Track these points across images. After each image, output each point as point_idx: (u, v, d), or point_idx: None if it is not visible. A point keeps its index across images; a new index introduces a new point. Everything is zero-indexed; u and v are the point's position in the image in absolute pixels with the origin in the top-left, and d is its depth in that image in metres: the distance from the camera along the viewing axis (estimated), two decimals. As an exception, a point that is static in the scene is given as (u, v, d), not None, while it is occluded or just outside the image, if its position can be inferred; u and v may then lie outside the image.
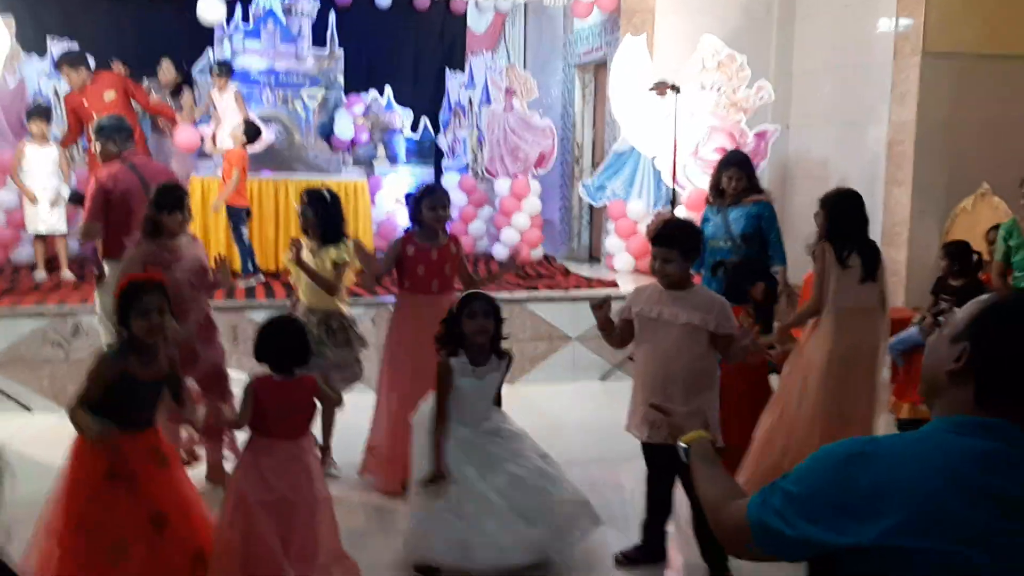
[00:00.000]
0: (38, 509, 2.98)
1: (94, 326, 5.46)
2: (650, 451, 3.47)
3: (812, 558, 1.44)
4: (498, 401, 3.55)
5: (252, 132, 7.08)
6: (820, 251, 3.95)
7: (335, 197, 4.42)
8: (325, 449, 3.42)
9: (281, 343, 3.14)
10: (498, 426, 3.47)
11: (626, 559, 3.59)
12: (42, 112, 6.97)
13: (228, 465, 4.20)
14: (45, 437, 4.98)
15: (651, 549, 3.60)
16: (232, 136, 7.03)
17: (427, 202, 4.17)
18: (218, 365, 4.15)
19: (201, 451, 4.27)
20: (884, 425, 5.36)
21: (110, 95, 7.03)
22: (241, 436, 3.48)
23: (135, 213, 4.23)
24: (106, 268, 4.75)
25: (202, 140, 7.81)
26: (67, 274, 6.60)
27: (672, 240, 3.31)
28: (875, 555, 1.34)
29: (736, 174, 5.03)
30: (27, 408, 5.35)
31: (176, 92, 8.08)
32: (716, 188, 5.14)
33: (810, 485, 1.42)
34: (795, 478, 1.45)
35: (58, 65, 7.26)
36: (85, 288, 6.17)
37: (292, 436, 3.11)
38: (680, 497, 3.53)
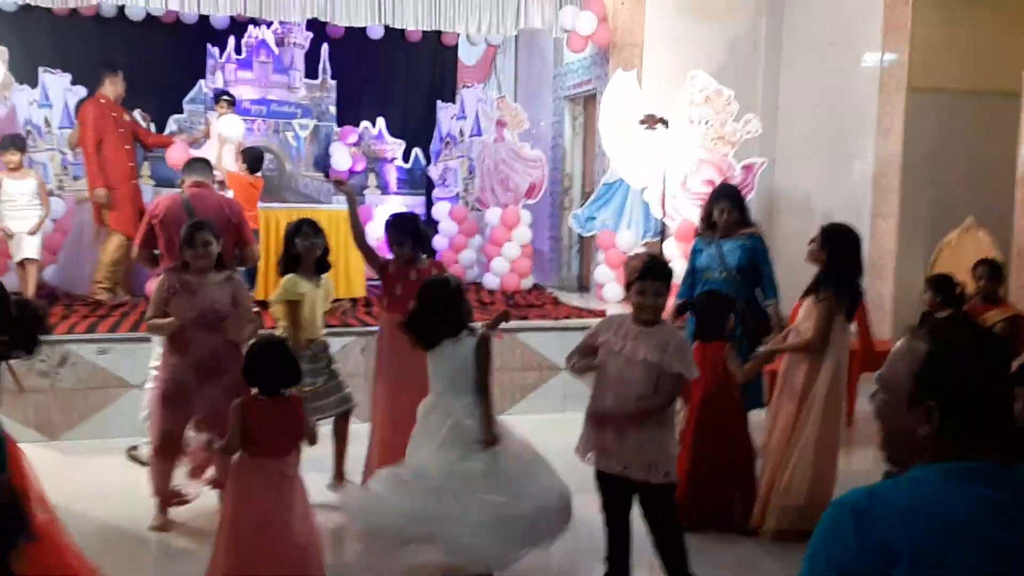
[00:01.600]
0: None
1: (80, 355, 5.44)
2: (604, 480, 3.45)
3: None
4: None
5: (254, 159, 7.19)
6: (827, 297, 4.09)
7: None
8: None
9: (270, 365, 3.21)
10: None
11: None
12: (17, 143, 6.90)
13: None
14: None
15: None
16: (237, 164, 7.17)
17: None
18: (221, 406, 4.11)
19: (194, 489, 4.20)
20: (872, 458, 5.38)
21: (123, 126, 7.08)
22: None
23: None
24: None
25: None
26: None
27: (664, 273, 3.39)
28: None
29: (728, 207, 5.06)
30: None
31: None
32: (707, 220, 5.17)
33: (832, 558, 1.39)
34: (814, 563, 1.42)
35: (102, 74, 7.11)
36: (72, 317, 6.14)
37: (279, 454, 3.17)
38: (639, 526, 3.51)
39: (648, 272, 3.35)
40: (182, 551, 4.00)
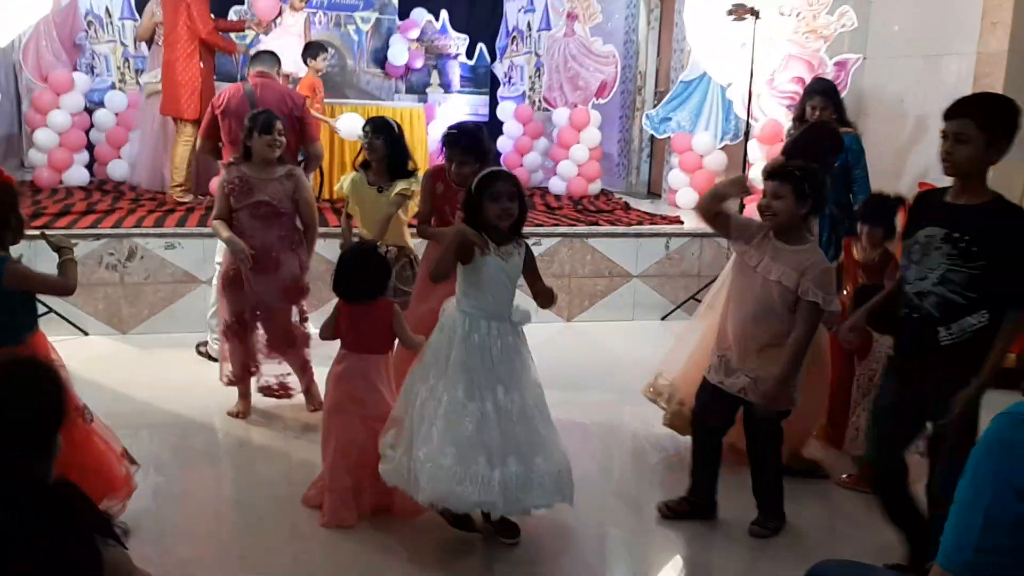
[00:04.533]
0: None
1: (148, 249, 5.38)
2: (711, 392, 3.21)
3: None
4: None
5: (316, 49, 6.98)
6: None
7: (399, 128, 4.19)
8: None
9: (346, 272, 3.31)
10: (516, 343, 3.01)
11: (670, 511, 3.33)
12: None
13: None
14: (101, 359, 4.96)
15: (699, 503, 3.33)
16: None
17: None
18: (297, 276, 4.10)
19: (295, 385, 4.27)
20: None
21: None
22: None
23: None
24: None
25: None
26: None
27: (788, 175, 3.01)
28: None
29: (822, 103, 4.71)
30: (83, 332, 5.30)
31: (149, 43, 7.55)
32: (800, 118, 4.83)
33: (1003, 475, 1.28)
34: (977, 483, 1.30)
35: None
36: (139, 210, 6.08)
37: (370, 352, 3.30)
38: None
39: (770, 172, 3.08)
40: (250, 442, 3.97)
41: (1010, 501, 1.24)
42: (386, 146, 4.08)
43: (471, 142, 3.71)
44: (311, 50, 7.12)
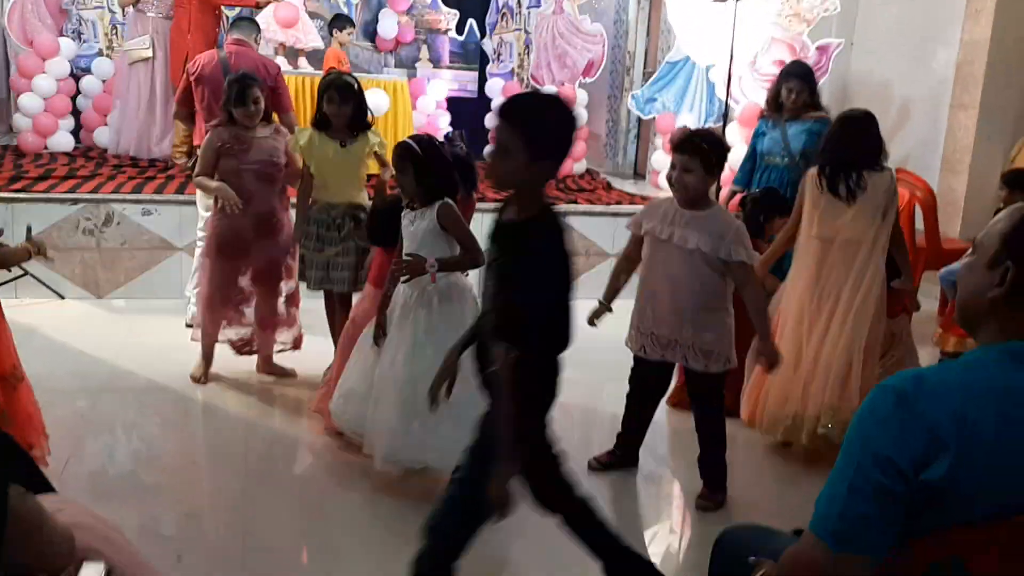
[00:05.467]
0: (71, 385, 3.32)
1: (125, 215, 5.42)
2: (643, 366, 3.39)
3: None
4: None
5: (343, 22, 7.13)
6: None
7: (358, 83, 4.06)
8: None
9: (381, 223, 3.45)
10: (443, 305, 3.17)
11: (599, 464, 3.55)
12: None
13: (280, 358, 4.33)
14: (77, 322, 5.01)
15: (625, 457, 3.58)
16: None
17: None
18: (275, 261, 4.13)
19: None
20: (930, 357, 5.18)
21: None
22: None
23: (219, 101, 4.20)
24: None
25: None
26: None
27: (695, 148, 3.03)
28: (948, 493, 1.26)
29: (798, 86, 4.73)
30: (60, 295, 5.34)
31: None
32: (775, 100, 4.85)
33: (870, 445, 1.31)
34: (849, 452, 1.34)
35: None
36: (119, 177, 6.11)
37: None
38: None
39: (676, 145, 3.10)
40: (219, 407, 4.03)
41: (874, 471, 1.28)
42: (352, 108, 3.94)
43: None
44: (337, 22, 7.28)
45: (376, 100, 6.75)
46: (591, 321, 3.29)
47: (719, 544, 1.85)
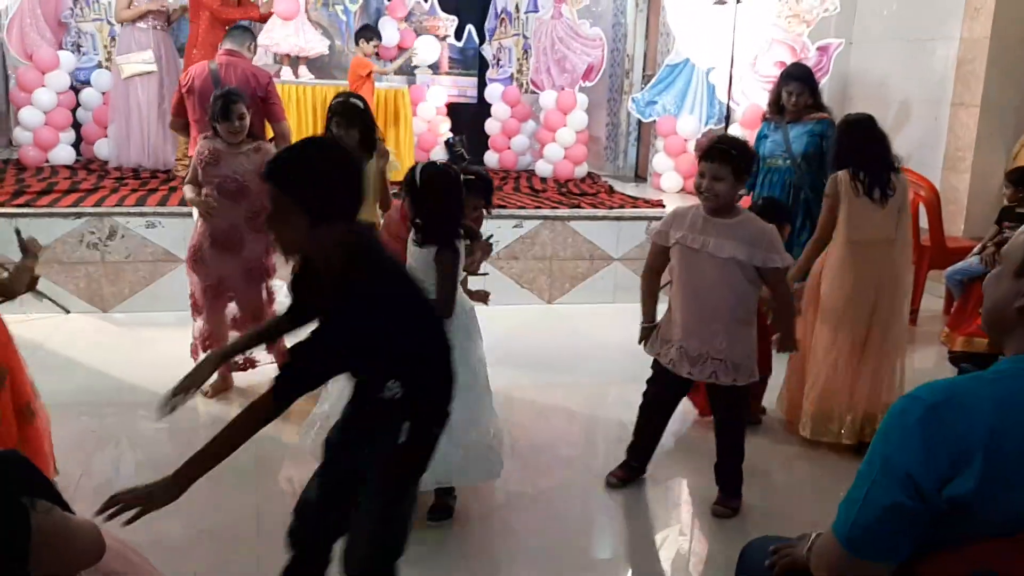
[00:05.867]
0: (79, 399, 3.29)
1: (129, 228, 5.41)
2: (664, 379, 3.30)
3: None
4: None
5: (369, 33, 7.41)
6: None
7: (365, 104, 4.08)
8: None
9: None
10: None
11: (618, 481, 3.46)
12: None
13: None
14: (83, 337, 5.00)
15: (638, 467, 3.51)
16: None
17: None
18: (260, 257, 4.15)
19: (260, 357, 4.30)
20: (936, 356, 5.18)
21: None
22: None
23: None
24: None
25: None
26: None
27: (727, 156, 3.00)
28: (975, 506, 1.24)
29: (799, 89, 4.74)
30: (65, 310, 5.32)
31: None
32: (776, 103, 4.86)
33: (892, 459, 1.31)
34: (872, 461, 1.33)
35: None
36: (122, 190, 6.11)
37: None
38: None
39: (706, 153, 3.06)
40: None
41: (891, 484, 1.27)
42: (359, 130, 3.95)
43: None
44: (364, 32, 7.43)
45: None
46: (643, 346, 3.31)
47: (744, 556, 1.85)
